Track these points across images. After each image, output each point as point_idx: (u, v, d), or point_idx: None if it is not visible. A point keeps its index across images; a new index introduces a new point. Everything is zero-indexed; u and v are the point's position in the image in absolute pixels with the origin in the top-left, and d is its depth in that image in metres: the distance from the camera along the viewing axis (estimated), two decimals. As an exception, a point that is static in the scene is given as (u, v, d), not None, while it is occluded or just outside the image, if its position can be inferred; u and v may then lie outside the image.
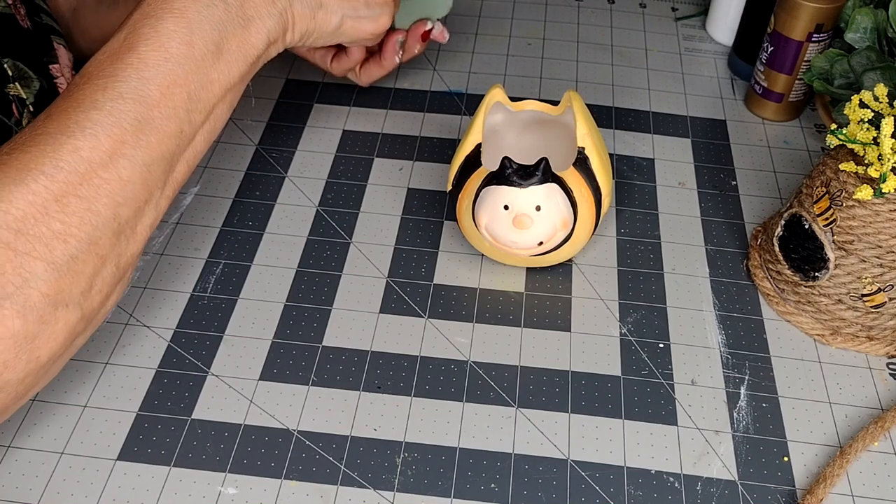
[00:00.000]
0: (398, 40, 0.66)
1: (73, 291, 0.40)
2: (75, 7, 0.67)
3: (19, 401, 0.42)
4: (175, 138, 0.45)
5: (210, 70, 0.46)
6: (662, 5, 0.85)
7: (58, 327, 0.40)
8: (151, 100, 0.43)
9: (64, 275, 0.40)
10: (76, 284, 0.40)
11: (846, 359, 0.55)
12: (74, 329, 0.41)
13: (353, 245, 0.61)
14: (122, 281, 0.45)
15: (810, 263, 0.54)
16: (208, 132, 0.48)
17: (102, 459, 0.48)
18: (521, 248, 0.53)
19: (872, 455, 0.50)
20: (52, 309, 0.39)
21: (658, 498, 0.48)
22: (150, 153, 0.43)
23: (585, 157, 0.55)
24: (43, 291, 0.39)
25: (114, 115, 0.42)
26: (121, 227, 0.42)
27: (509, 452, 0.49)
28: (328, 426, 0.50)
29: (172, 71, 0.44)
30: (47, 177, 0.40)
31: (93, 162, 0.41)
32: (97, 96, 0.42)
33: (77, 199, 0.40)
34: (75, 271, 0.40)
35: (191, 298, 0.57)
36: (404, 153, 0.68)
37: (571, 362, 0.54)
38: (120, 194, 0.42)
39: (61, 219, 0.40)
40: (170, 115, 0.44)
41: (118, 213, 0.42)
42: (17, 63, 0.56)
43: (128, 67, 0.43)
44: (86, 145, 0.41)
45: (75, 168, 0.40)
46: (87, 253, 0.41)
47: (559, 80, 0.76)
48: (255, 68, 0.50)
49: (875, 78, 0.60)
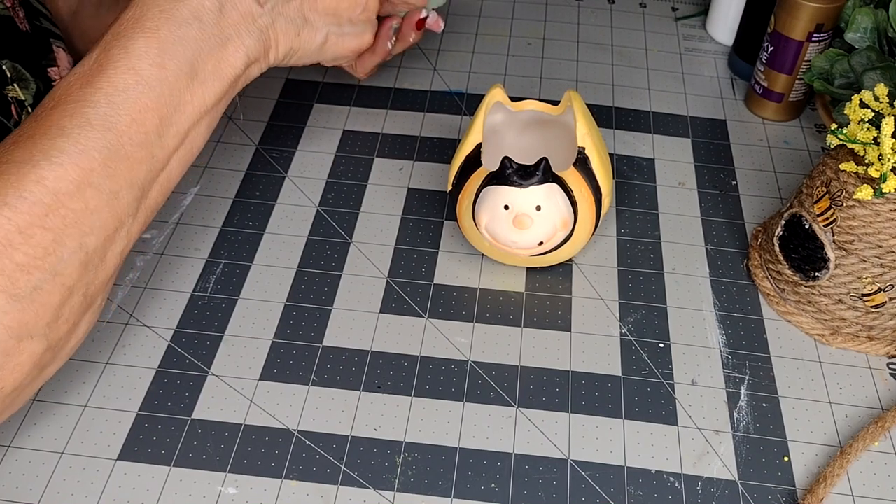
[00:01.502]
0: (392, 26, 0.65)
1: (37, 323, 0.39)
2: (75, 11, 0.67)
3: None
4: (146, 164, 0.43)
5: (184, 92, 0.44)
6: (662, 5, 0.85)
7: (22, 359, 0.39)
8: (121, 126, 0.42)
9: (27, 307, 0.38)
10: (41, 316, 0.39)
11: (846, 359, 0.55)
12: (41, 360, 0.40)
13: (353, 245, 0.61)
14: (93, 308, 0.43)
15: (810, 263, 0.54)
16: (183, 156, 0.46)
17: (102, 459, 0.48)
18: (521, 248, 0.53)
19: (872, 455, 0.50)
20: (16, 341, 0.38)
21: (658, 498, 0.48)
22: (119, 180, 0.42)
23: (585, 157, 0.55)
24: (5, 324, 0.38)
25: (81, 142, 0.40)
26: (88, 257, 0.41)
27: (509, 452, 0.49)
28: (328, 426, 0.50)
29: (144, 95, 0.42)
30: (10, 208, 0.38)
31: (59, 192, 0.39)
32: (64, 122, 0.41)
33: (42, 231, 0.39)
34: (40, 303, 0.39)
35: (191, 298, 0.57)
36: (404, 153, 0.68)
37: (571, 362, 0.54)
38: (87, 224, 0.40)
39: (25, 251, 0.38)
40: (141, 142, 0.42)
41: (85, 243, 0.41)
42: (15, 65, 0.56)
43: (97, 92, 0.42)
44: (51, 175, 0.39)
45: (40, 199, 0.39)
46: (53, 284, 0.39)
47: (559, 80, 0.76)
48: (235, 89, 0.48)
49: (875, 78, 0.60)
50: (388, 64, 0.76)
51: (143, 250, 0.59)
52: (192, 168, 0.65)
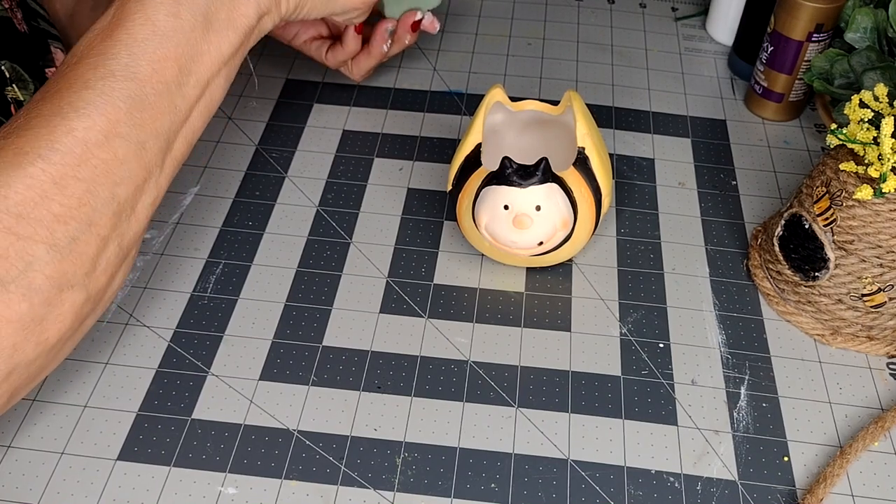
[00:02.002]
0: (387, 28, 0.66)
1: (76, 273, 0.40)
2: (72, 13, 0.67)
3: (31, 382, 0.42)
4: (169, 114, 0.44)
5: (200, 42, 0.45)
6: (662, 5, 0.85)
7: (64, 309, 0.40)
8: (142, 75, 0.43)
9: (66, 257, 0.40)
10: (80, 266, 0.40)
11: (846, 359, 0.55)
12: (81, 310, 0.42)
13: (353, 245, 0.61)
14: (127, 260, 0.45)
15: (810, 263, 0.54)
16: (204, 108, 0.47)
17: (102, 459, 0.48)
18: (521, 248, 0.53)
19: (872, 455, 0.50)
20: (58, 291, 0.40)
21: (658, 498, 0.48)
22: (145, 130, 0.43)
23: (585, 157, 0.55)
24: (47, 274, 0.39)
25: (106, 93, 0.42)
26: (120, 207, 0.42)
27: (509, 452, 0.49)
28: (328, 426, 0.50)
29: (161, 45, 0.44)
30: (44, 160, 0.39)
31: (88, 142, 0.41)
32: (88, 76, 0.42)
33: (75, 181, 0.40)
34: (78, 253, 0.40)
35: (191, 298, 0.57)
36: (404, 153, 0.68)
37: (571, 362, 0.54)
38: (117, 174, 0.42)
39: (60, 201, 0.39)
40: (162, 91, 0.44)
41: (116, 193, 0.42)
42: (14, 66, 0.56)
43: (117, 44, 0.43)
44: (80, 126, 0.41)
45: (71, 149, 0.40)
46: (89, 234, 0.41)
47: (559, 80, 0.76)
48: (250, 41, 0.49)
49: (875, 78, 0.60)
50: (388, 64, 0.76)
51: (143, 250, 0.59)
52: (192, 168, 0.65)
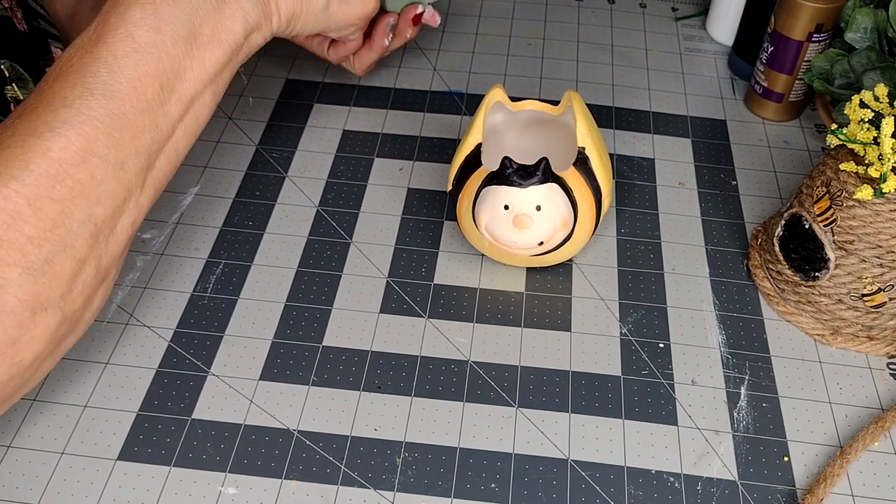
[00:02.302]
0: (389, 23, 0.66)
1: (51, 295, 0.39)
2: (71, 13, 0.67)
3: (7, 402, 0.41)
4: (150, 132, 0.43)
5: (182, 58, 0.44)
6: (662, 5, 0.85)
7: (38, 331, 0.39)
8: (121, 94, 0.42)
9: (40, 279, 0.39)
10: (54, 288, 0.40)
11: (846, 359, 0.55)
12: (56, 332, 0.41)
13: (353, 245, 0.61)
14: (106, 281, 0.44)
15: (810, 263, 0.54)
16: (189, 126, 0.46)
17: (102, 459, 0.48)
18: (521, 248, 0.53)
19: (872, 455, 0.50)
20: (31, 314, 0.39)
21: (658, 498, 0.48)
22: (124, 150, 0.42)
23: (585, 157, 0.55)
24: (19, 297, 0.38)
25: (83, 112, 0.41)
26: (98, 228, 0.41)
27: (509, 452, 0.49)
28: (328, 426, 0.50)
29: (141, 61, 0.43)
30: (17, 181, 0.38)
31: (64, 163, 0.40)
32: (66, 93, 0.41)
33: (50, 202, 0.39)
34: (52, 275, 0.39)
35: (191, 298, 0.57)
36: (404, 153, 0.68)
37: (571, 362, 0.54)
38: (94, 194, 0.41)
39: (34, 223, 0.38)
40: (142, 109, 0.43)
41: (94, 214, 0.41)
42: (14, 65, 0.56)
43: (97, 61, 0.42)
44: (55, 146, 0.40)
45: (46, 170, 0.39)
46: (64, 256, 0.40)
47: (559, 80, 0.76)
48: (238, 58, 0.48)
49: (875, 78, 0.60)
50: (388, 64, 0.76)
51: (143, 250, 0.59)
52: (192, 168, 0.65)
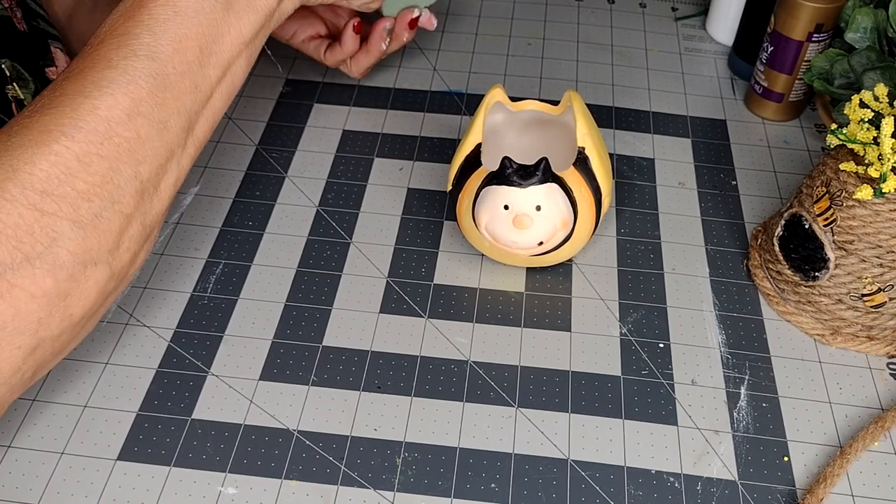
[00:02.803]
0: (385, 27, 0.66)
1: (100, 250, 0.41)
2: (71, 14, 0.67)
3: (57, 357, 0.42)
4: (191, 94, 0.45)
5: (220, 23, 0.46)
6: (662, 5, 0.85)
7: (88, 285, 0.41)
8: (164, 55, 0.44)
9: (90, 234, 0.40)
10: (104, 243, 0.41)
11: (846, 359, 0.55)
12: (105, 287, 0.42)
13: (353, 245, 0.61)
14: (150, 239, 0.45)
15: (810, 263, 0.54)
16: (226, 90, 0.48)
17: (102, 459, 0.48)
18: (521, 248, 0.53)
19: (872, 455, 0.50)
20: (82, 267, 0.40)
21: (658, 498, 0.48)
22: (167, 109, 0.44)
23: (585, 157, 0.55)
24: (71, 250, 0.39)
25: (128, 72, 0.42)
26: (143, 186, 0.43)
27: (509, 452, 0.49)
28: (328, 426, 0.50)
29: (182, 25, 0.44)
30: (68, 137, 0.40)
31: (111, 121, 0.41)
32: (111, 55, 0.43)
33: (98, 159, 0.41)
34: (101, 230, 0.41)
35: (191, 298, 0.57)
36: (404, 153, 0.68)
37: (571, 362, 0.54)
38: (140, 152, 0.42)
39: (84, 178, 0.40)
40: (183, 71, 0.44)
41: (139, 172, 0.42)
42: (14, 64, 0.56)
43: (139, 25, 0.44)
44: (103, 104, 0.41)
45: (95, 128, 0.41)
46: (112, 212, 0.41)
47: (559, 80, 0.76)
48: (271, 24, 0.50)
49: (875, 78, 0.60)
50: (388, 64, 0.76)
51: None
52: (193, 168, 0.65)
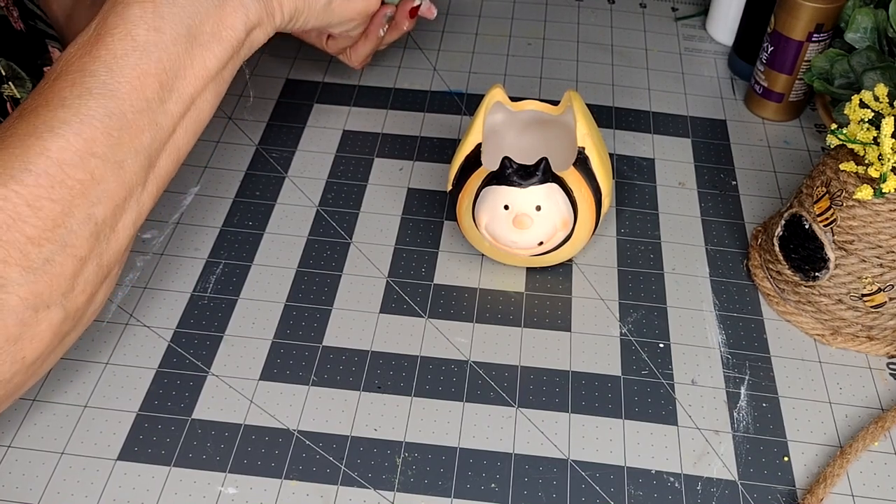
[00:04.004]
0: (386, 14, 0.65)
1: (52, 294, 0.40)
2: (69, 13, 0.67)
3: (9, 399, 0.41)
4: (150, 131, 0.43)
5: (183, 56, 0.44)
6: (662, 5, 0.85)
7: (41, 328, 0.40)
8: (121, 93, 0.42)
9: (41, 278, 0.39)
10: (56, 286, 0.40)
11: (846, 359, 0.55)
12: (60, 329, 0.41)
13: (353, 245, 0.61)
14: (109, 278, 0.44)
15: (810, 263, 0.54)
16: (191, 124, 0.46)
17: (102, 459, 0.48)
18: (521, 248, 0.53)
19: (872, 455, 0.50)
20: (33, 312, 0.39)
21: (658, 498, 0.48)
22: (123, 149, 0.42)
23: (585, 157, 0.55)
24: (21, 295, 0.38)
25: (82, 112, 0.41)
26: (98, 227, 0.41)
27: (509, 452, 0.49)
28: (328, 426, 0.50)
29: (141, 60, 0.42)
30: (17, 181, 0.39)
31: (63, 163, 0.40)
32: (65, 93, 0.41)
33: (50, 203, 0.39)
34: (53, 274, 0.40)
35: (191, 298, 0.57)
36: (404, 153, 0.68)
37: (571, 362, 0.54)
38: (94, 194, 0.41)
39: (34, 223, 0.39)
40: (142, 108, 0.42)
41: (94, 213, 0.41)
42: (10, 63, 0.56)
43: (95, 61, 0.42)
44: (54, 146, 0.40)
45: (45, 171, 0.39)
46: (64, 255, 0.40)
47: (559, 80, 0.76)
48: (240, 55, 0.48)
49: (875, 78, 0.60)
50: (388, 64, 0.76)
51: (143, 250, 0.59)
52: (192, 168, 0.65)
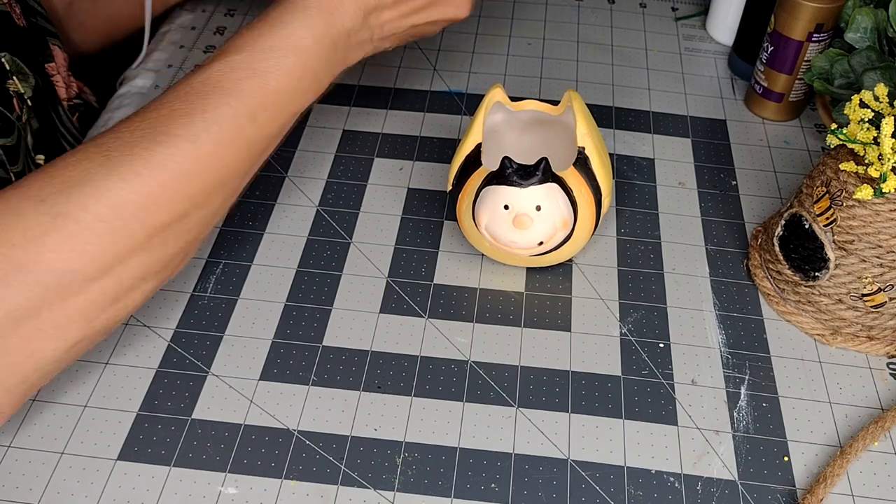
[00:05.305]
0: None
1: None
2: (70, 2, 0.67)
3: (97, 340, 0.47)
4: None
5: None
6: (662, 5, 0.85)
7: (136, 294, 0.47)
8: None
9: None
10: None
11: (846, 359, 0.55)
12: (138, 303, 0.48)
13: (353, 245, 0.61)
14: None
15: (810, 263, 0.54)
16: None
17: (102, 459, 0.48)
18: (521, 248, 0.53)
19: (872, 455, 0.50)
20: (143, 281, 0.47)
21: (658, 498, 0.48)
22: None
23: (585, 157, 0.55)
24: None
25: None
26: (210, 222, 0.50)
27: (509, 452, 0.49)
28: (328, 426, 0.50)
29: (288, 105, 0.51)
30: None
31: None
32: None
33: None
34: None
35: (191, 298, 0.57)
36: (404, 153, 0.68)
37: (571, 362, 0.54)
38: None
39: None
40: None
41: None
42: (14, 58, 0.56)
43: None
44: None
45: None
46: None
47: (559, 79, 0.76)
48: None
49: (875, 78, 0.60)
50: (388, 64, 0.76)
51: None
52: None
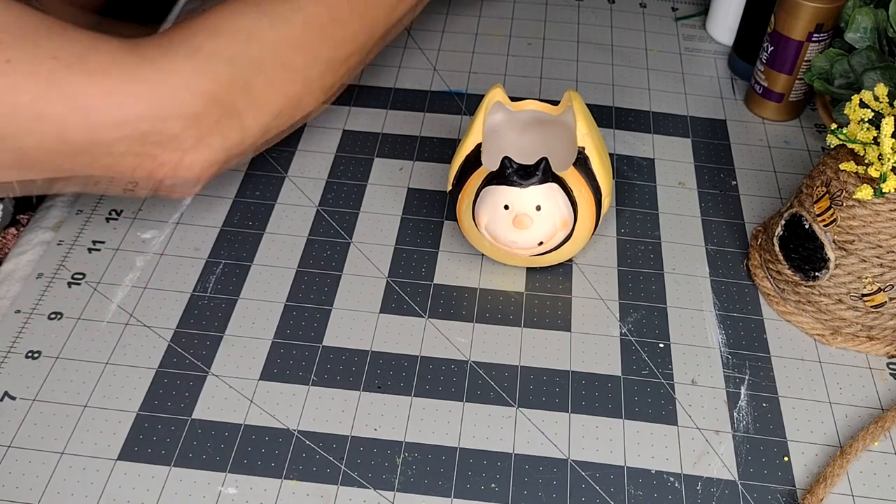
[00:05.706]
0: None
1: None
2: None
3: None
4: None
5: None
6: (662, 5, 0.85)
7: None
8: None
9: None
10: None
11: (846, 359, 0.55)
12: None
13: (353, 245, 0.61)
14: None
15: (810, 263, 0.54)
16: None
17: (102, 459, 0.48)
18: (521, 248, 0.53)
19: (872, 455, 0.50)
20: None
21: (658, 498, 0.48)
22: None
23: (585, 157, 0.55)
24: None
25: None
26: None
27: (509, 452, 0.49)
28: (328, 426, 0.50)
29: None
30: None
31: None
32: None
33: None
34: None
35: (191, 298, 0.57)
36: (404, 153, 0.68)
37: (571, 362, 0.54)
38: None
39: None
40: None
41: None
42: None
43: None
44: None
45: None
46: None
47: (559, 79, 0.76)
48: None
49: (875, 78, 0.60)
50: (388, 64, 0.76)
51: (143, 250, 0.59)
52: (192, 168, 0.65)
